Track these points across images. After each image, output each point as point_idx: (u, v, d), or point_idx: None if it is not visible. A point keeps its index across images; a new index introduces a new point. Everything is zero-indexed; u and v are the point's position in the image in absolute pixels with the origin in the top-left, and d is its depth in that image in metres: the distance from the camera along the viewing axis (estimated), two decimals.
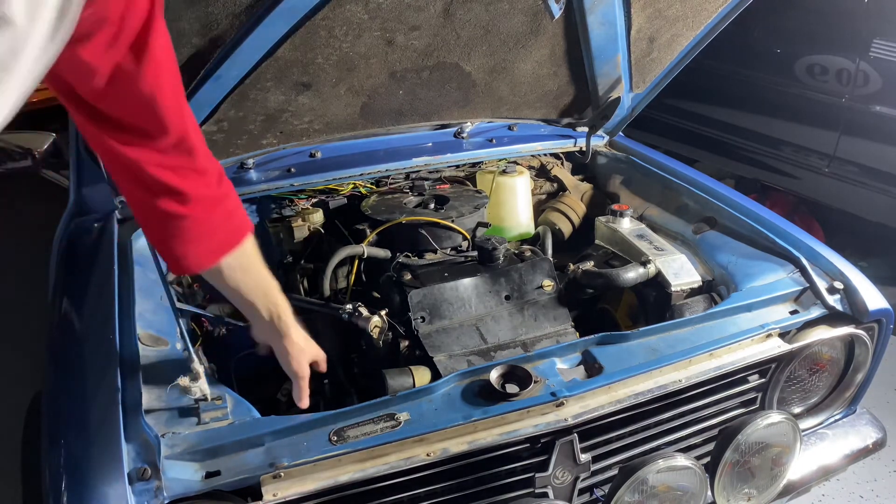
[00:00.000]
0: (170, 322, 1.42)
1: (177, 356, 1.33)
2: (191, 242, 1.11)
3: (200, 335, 1.64)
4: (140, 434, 1.16)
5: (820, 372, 1.70)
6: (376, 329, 1.58)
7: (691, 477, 1.38)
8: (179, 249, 1.12)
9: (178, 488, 1.10)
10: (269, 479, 1.14)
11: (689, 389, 1.45)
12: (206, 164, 1.09)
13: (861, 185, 3.62)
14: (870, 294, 1.63)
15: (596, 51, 2.04)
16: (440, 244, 1.85)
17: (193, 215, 1.08)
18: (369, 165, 2.05)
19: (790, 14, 3.82)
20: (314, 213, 2.01)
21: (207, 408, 1.20)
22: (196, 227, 1.10)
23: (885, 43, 3.39)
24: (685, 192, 2.06)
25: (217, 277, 1.20)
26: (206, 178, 1.09)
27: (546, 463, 1.33)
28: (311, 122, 1.93)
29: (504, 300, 1.71)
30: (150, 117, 0.98)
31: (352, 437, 1.20)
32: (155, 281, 1.51)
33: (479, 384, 1.33)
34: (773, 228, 1.82)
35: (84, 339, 1.44)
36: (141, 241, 1.63)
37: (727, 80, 4.15)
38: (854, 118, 3.57)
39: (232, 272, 1.19)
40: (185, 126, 1.03)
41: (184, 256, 1.13)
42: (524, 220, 2.16)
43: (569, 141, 2.36)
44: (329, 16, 1.57)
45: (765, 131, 4.04)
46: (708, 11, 1.99)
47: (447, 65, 1.91)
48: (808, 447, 1.66)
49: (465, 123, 2.23)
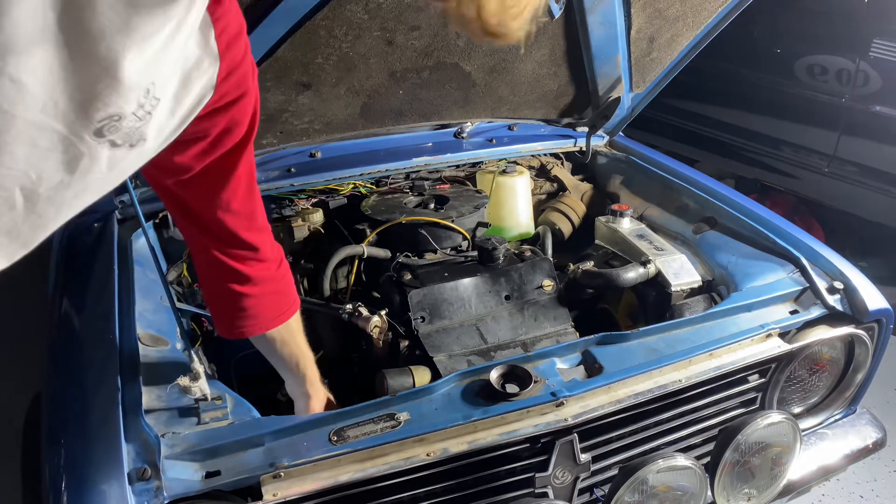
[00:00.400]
0: (170, 322, 1.42)
1: (177, 356, 1.33)
2: (247, 316, 1.25)
3: (200, 335, 1.64)
4: (140, 434, 1.16)
5: (820, 372, 1.70)
6: (376, 329, 1.58)
7: (691, 477, 1.38)
8: (236, 321, 1.26)
9: (178, 488, 1.10)
10: (269, 479, 1.14)
11: (689, 389, 1.45)
12: (270, 255, 1.24)
13: (861, 185, 3.61)
14: (870, 294, 1.63)
15: (596, 51, 2.04)
16: (440, 244, 1.85)
17: (254, 294, 1.23)
18: (369, 165, 2.05)
19: (790, 14, 3.82)
20: (314, 213, 2.01)
21: (207, 408, 1.20)
22: (254, 303, 1.24)
23: (885, 43, 3.39)
24: (685, 192, 2.06)
25: (260, 342, 1.34)
26: (267, 265, 1.24)
27: (546, 463, 1.33)
28: (311, 122, 1.94)
29: (504, 300, 1.71)
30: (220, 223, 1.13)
31: (352, 437, 1.20)
32: (155, 281, 1.51)
33: (479, 384, 1.33)
34: (773, 228, 1.82)
35: (84, 339, 1.44)
36: (141, 241, 1.63)
37: (727, 80, 4.15)
38: (854, 118, 3.57)
39: (273, 343, 1.32)
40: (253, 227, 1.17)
41: (239, 327, 1.27)
42: (524, 220, 2.16)
43: (569, 141, 2.36)
44: (329, 16, 1.57)
45: (765, 131, 4.04)
46: (708, 11, 1.99)
47: (447, 65, 1.91)
48: (808, 447, 1.66)
49: (465, 123, 2.23)
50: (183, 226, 1.19)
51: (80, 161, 0.75)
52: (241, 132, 1.02)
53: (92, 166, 0.76)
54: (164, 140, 0.85)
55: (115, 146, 0.77)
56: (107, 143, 0.75)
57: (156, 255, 1.39)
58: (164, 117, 0.81)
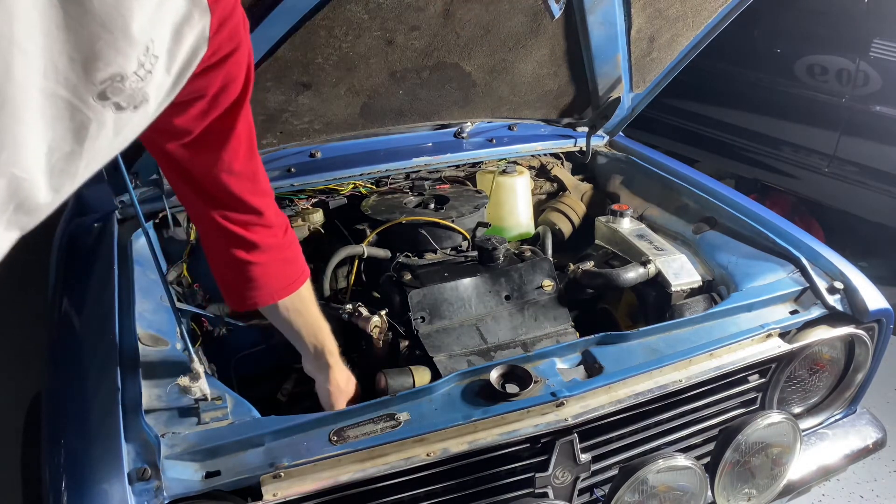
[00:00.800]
0: (170, 322, 1.41)
1: (177, 356, 1.33)
2: (255, 286, 1.23)
3: (200, 335, 1.64)
4: (140, 434, 1.16)
5: (820, 372, 1.70)
6: (376, 329, 1.58)
7: (691, 477, 1.38)
8: (245, 291, 1.24)
9: (178, 488, 1.10)
10: (269, 479, 1.14)
11: (689, 389, 1.45)
12: (274, 220, 1.22)
13: (861, 185, 3.62)
14: (870, 294, 1.63)
15: (596, 51, 2.04)
16: (440, 244, 1.85)
17: (261, 262, 1.21)
18: (369, 165, 2.05)
19: (790, 14, 3.82)
20: (314, 213, 2.01)
21: (207, 408, 1.20)
22: (261, 271, 1.22)
23: (885, 43, 3.39)
24: (685, 192, 2.06)
25: (273, 314, 1.32)
26: (273, 231, 1.22)
27: (546, 463, 1.33)
28: (311, 122, 1.93)
29: (504, 300, 1.71)
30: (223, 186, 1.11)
31: (352, 437, 1.20)
32: (155, 281, 1.51)
33: (479, 384, 1.33)
34: (773, 228, 1.82)
35: (84, 339, 1.44)
36: (141, 240, 1.63)
37: (727, 80, 4.15)
38: (854, 118, 3.57)
39: (287, 313, 1.30)
40: (256, 190, 1.15)
41: (248, 297, 1.25)
42: (524, 220, 2.16)
43: (569, 141, 2.36)
44: (329, 16, 1.57)
45: (765, 131, 4.04)
46: (708, 11, 1.99)
47: (447, 65, 1.91)
48: (808, 447, 1.66)
49: (465, 123, 2.23)
50: (185, 194, 1.17)
51: (88, 128, 0.74)
52: (238, 89, 1.01)
53: (99, 132, 0.75)
54: (163, 99, 0.83)
55: (120, 109, 0.76)
56: (111, 105, 0.75)
57: (156, 255, 1.39)
58: (161, 75, 0.80)
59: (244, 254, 1.19)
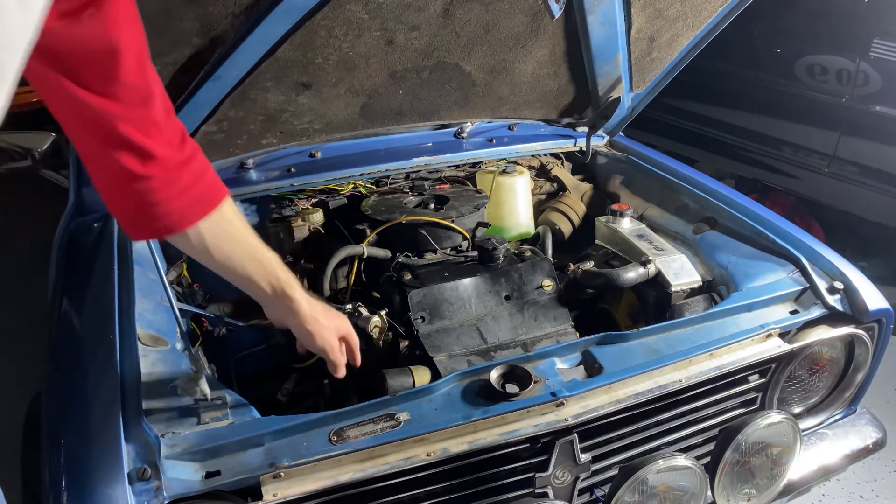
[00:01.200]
0: (170, 322, 1.41)
1: (177, 356, 1.33)
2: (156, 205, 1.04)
3: (200, 335, 1.64)
4: (140, 434, 1.16)
5: (820, 372, 1.70)
6: (376, 329, 1.58)
7: (691, 477, 1.38)
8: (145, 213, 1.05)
9: (178, 488, 1.10)
10: (269, 479, 1.14)
11: (689, 389, 1.45)
12: (166, 120, 1.03)
13: (861, 185, 3.62)
14: (870, 294, 1.63)
15: (596, 51, 2.04)
16: (440, 244, 1.85)
17: (157, 175, 1.02)
18: (369, 165, 2.05)
19: (790, 14, 3.82)
20: (314, 213, 2.01)
21: (207, 408, 1.20)
22: (161, 188, 1.04)
23: (885, 43, 3.39)
24: (685, 192, 2.06)
25: (204, 253, 1.13)
26: (166, 136, 1.04)
27: (546, 463, 1.33)
28: (311, 122, 1.94)
29: (504, 300, 1.71)
30: (109, 65, 0.94)
31: (352, 437, 1.20)
32: (155, 281, 1.51)
33: (479, 384, 1.33)
34: (773, 228, 1.82)
35: (84, 339, 1.44)
36: None
37: (727, 80, 4.15)
38: (854, 118, 3.57)
39: (216, 241, 1.11)
40: (146, 79, 0.99)
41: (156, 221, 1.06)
42: (524, 220, 2.16)
43: (569, 141, 2.36)
44: (329, 16, 1.57)
45: (765, 131, 4.05)
46: (708, 11, 1.99)
47: (447, 65, 1.91)
48: (808, 447, 1.66)
49: (465, 123, 2.23)
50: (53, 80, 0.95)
51: None
52: None
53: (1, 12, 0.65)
54: None
55: None
56: None
57: (156, 255, 1.39)
58: None
59: (135, 163, 1.01)
